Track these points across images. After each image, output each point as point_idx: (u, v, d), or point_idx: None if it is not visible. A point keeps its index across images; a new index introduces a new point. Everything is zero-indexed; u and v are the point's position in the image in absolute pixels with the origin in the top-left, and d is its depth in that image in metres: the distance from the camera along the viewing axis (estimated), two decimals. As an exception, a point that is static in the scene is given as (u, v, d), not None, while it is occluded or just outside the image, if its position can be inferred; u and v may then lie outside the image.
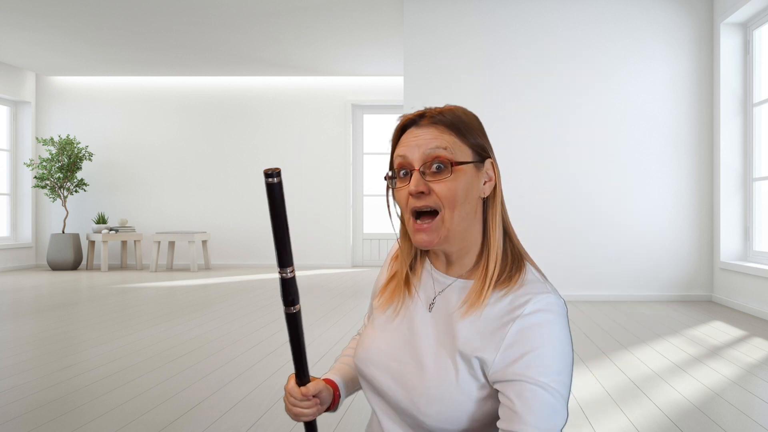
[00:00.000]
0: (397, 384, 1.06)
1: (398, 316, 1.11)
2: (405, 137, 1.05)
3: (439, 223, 1.01)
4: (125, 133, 8.97)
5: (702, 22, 5.44)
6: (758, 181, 5.07)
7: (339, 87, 8.85)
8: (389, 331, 1.11)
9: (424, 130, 1.03)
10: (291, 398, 1.14)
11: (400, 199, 1.04)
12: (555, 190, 5.48)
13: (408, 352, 1.06)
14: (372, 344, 1.11)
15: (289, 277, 1.01)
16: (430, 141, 1.01)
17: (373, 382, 1.09)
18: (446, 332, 1.04)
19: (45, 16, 6.26)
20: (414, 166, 1.01)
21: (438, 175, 1.00)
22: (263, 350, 3.45)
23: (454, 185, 1.00)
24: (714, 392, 2.67)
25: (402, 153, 1.03)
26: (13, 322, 4.42)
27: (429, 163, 1.01)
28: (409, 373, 1.04)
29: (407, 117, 1.06)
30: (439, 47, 5.58)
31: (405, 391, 1.04)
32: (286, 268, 1.01)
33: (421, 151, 1.01)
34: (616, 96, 5.48)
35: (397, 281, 1.14)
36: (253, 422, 2.28)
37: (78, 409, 2.43)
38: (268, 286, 6.49)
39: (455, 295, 1.06)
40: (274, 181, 0.95)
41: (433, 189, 1.00)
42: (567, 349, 0.97)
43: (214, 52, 7.60)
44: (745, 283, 4.84)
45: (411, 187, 1.00)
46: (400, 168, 1.03)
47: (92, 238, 8.28)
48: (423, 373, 1.03)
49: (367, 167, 9.08)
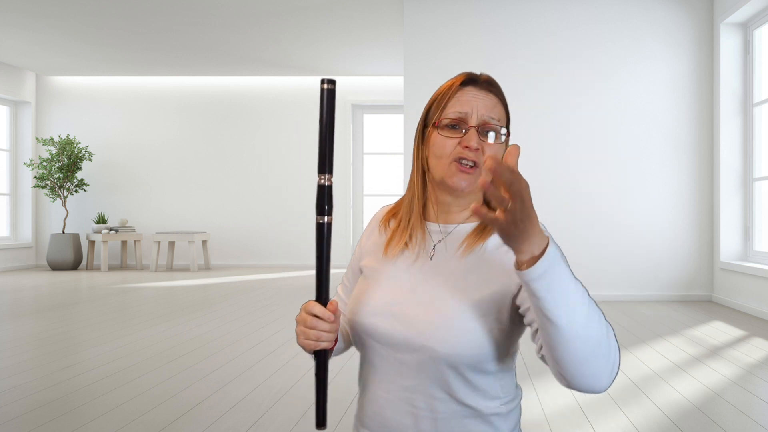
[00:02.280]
0: (402, 323, 1.07)
1: (396, 267, 1.14)
2: (464, 93, 1.12)
3: (479, 174, 1.09)
4: (125, 133, 8.97)
5: (702, 22, 5.44)
6: (758, 181, 5.06)
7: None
8: (389, 282, 1.13)
9: (483, 93, 1.12)
10: (315, 320, 1.05)
11: (443, 145, 1.10)
12: (555, 190, 5.48)
13: (411, 296, 1.09)
14: (370, 298, 1.13)
15: (325, 185, 1.03)
16: (490, 107, 1.11)
17: (379, 331, 1.09)
18: (450, 276, 1.09)
19: (45, 16, 6.25)
20: (471, 122, 1.09)
21: (489, 138, 1.10)
22: (263, 350, 3.45)
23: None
24: (714, 392, 2.67)
25: (462, 107, 1.11)
26: (13, 322, 4.42)
27: (484, 125, 1.10)
28: (414, 310, 1.07)
29: (467, 74, 1.14)
30: (439, 47, 5.58)
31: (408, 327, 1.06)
32: (324, 175, 1.03)
33: (481, 113, 1.10)
34: (616, 96, 5.48)
35: (400, 233, 1.17)
36: (253, 422, 2.28)
37: (78, 409, 2.43)
38: (268, 286, 6.48)
39: (454, 239, 1.13)
40: (330, 87, 1.00)
41: (484, 150, 1.09)
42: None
43: (214, 52, 7.60)
44: (745, 283, 4.84)
45: (472, 142, 1.08)
46: (454, 120, 1.10)
47: (92, 238, 8.28)
48: (430, 309, 1.06)
49: (367, 167, 9.07)
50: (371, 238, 1.24)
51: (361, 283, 1.19)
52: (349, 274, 1.29)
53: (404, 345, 1.07)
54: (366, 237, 1.26)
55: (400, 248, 1.15)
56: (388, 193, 8.86)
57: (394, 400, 1.10)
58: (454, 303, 1.05)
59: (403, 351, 1.08)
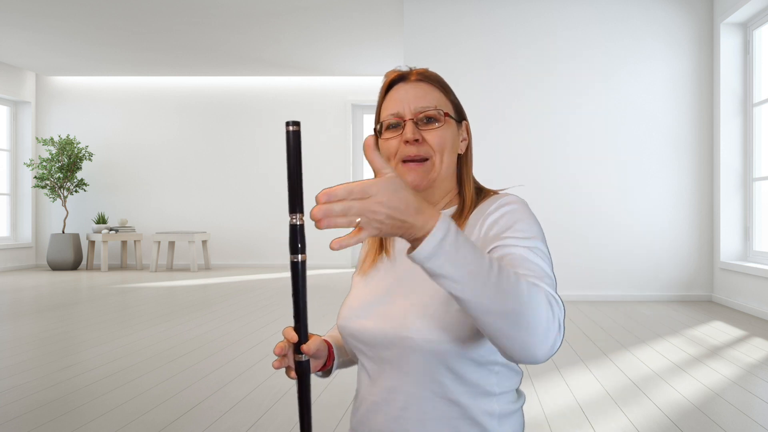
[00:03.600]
0: (379, 319, 1.05)
1: (377, 272, 1.14)
2: (395, 92, 1.11)
3: (429, 166, 1.08)
4: (125, 133, 8.97)
5: (702, 22, 5.44)
6: (758, 181, 5.06)
7: (339, 87, 8.85)
8: (369, 286, 1.13)
9: (412, 85, 1.10)
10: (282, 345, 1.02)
11: (389, 149, 1.10)
12: (555, 190, 5.48)
13: (391, 292, 1.08)
14: (353, 302, 1.13)
15: (297, 224, 0.98)
16: (421, 96, 1.09)
17: (361, 332, 1.07)
18: None
19: (45, 16, 6.25)
20: (406, 116, 1.08)
21: (429, 125, 1.08)
22: (263, 350, 3.45)
23: (446, 134, 1.09)
24: (714, 392, 2.67)
25: (393, 107, 1.10)
26: (13, 322, 4.42)
27: (421, 114, 1.08)
28: (391, 306, 1.05)
29: (396, 73, 1.13)
30: (439, 47, 5.58)
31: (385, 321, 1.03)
32: (295, 214, 0.98)
33: (413, 104, 1.08)
34: (616, 96, 5.48)
35: (371, 244, 1.18)
36: (253, 422, 2.28)
37: (78, 409, 2.43)
38: (268, 286, 6.49)
39: None
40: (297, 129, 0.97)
41: (425, 138, 1.07)
42: (537, 223, 1.02)
43: (214, 52, 7.60)
44: (745, 283, 4.84)
45: (408, 135, 1.06)
46: (391, 120, 1.09)
47: (92, 238, 8.28)
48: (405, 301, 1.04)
49: (367, 167, 9.07)
50: (364, 248, 1.24)
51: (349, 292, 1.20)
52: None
53: (383, 340, 1.04)
54: (361, 247, 1.27)
55: (374, 260, 1.15)
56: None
57: (380, 403, 1.05)
58: (428, 291, 1.01)
59: (383, 348, 1.04)
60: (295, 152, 0.97)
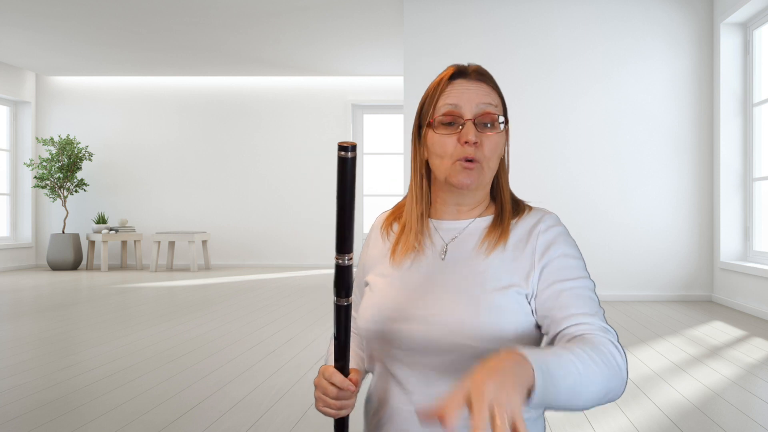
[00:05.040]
0: (425, 324, 1.02)
1: (408, 272, 1.09)
2: (455, 87, 1.08)
3: (480, 170, 1.06)
4: (125, 133, 8.97)
5: (702, 22, 5.44)
6: (758, 181, 5.06)
7: (339, 87, 8.85)
8: (402, 285, 1.08)
9: (474, 83, 1.08)
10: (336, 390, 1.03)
11: (443, 144, 1.06)
12: (555, 189, 5.48)
13: (432, 292, 1.05)
14: (385, 302, 1.07)
15: (344, 265, 0.96)
16: (483, 96, 1.07)
17: (402, 338, 1.04)
18: (468, 273, 1.05)
19: (45, 16, 6.25)
20: (466, 116, 1.05)
21: (487, 129, 1.06)
22: (263, 350, 3.45)
23: (500, 141, 1.08)
24: (714, 392, 2.67)
25: (454, 102, 1.06)
26: (13, 322, 4.42)
27: (481, 116, 1.06)
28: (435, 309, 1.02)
29: (455, 67, 1.10)
30: (439, 47, 5.58)
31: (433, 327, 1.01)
32: (344, 255, 0.95)
33: (474, 103, 1.06)
34: (616, 96, 5.48)
35: (406, 236, 1.12)
36: (253, 422, 2.28)
37: (78, 409, 2.43)
38: (268, 286, 6.49)
39: (472, 238, 1.10)
40: (347, 155, 0.90)
41: (482, 142, 1.06)
42: (578, 250, 1.12)
43: (214, 52, 7.60)
44: (745, 283, 4.84)
45: (470, 136, 1.04)
46: (449, 116, 1.06)
47: (92, 238, 8.28)
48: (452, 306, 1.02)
49: (367, 167, 9.07)
50: (376, 247, 1.18)
51: (370, 293, 1.12)
52: (356, 291, 1.23)
53: (433, 347, 1.01)
54: (369, 247, 1.20)
55: (407, 252, 1.10)
56: (388, 193, 8.86)
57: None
58: (478, 295, 1.01)
59: (431, 355, 1.02)
60: (350, 183, 0.89)
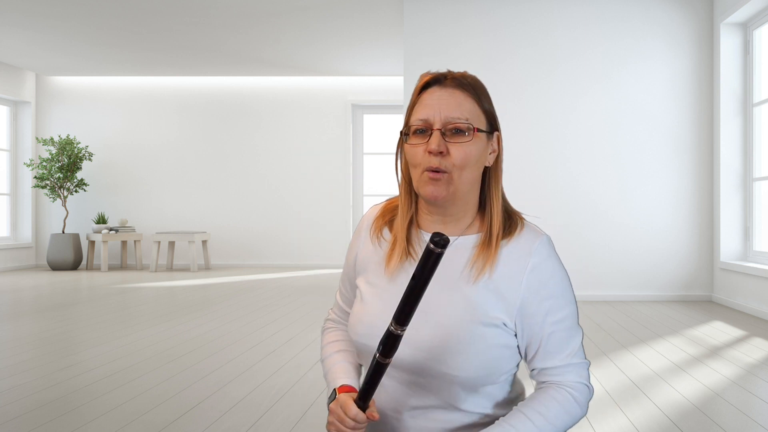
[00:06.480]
0: (414, 348, 1.06)
1: (396, 286, 1.10)
2: (427, 96, 1.07)
3: (448, 180, 1.04)
4: (125, 133, 8.97)
5: (702, 22, 5.44)
6: (758, 181, 5.06)
7: (339, 87, 8.85)
8: (390, 302, 1.09)
9: (447, 91, 1.06)
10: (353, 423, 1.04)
11: (414, 155, 1.06)
12: (555, 190, 5.48)
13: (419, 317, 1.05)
14: (374, 319, 1.09)
15: (397, 334, 1.00)
16: (453, 105, 1.04)
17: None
18: (455, 298, 1.07)
19: (45, 16, 6.25)
20: (435, 125, 1.04)
21: (456, 137, 1.04)
22: (263, 350, 3.45)
23: (471, 150, 1.05)
24: (714, 392, 2.67)
25: (423, 112, 1.05)
26: (13, 322, 4.42)
27: (450, 126, 1.04)
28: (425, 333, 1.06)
29: (431, 75, 1.09)
30: (439, 47, 5.58)
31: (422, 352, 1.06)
32: (401, 327, 0.99)
33: (444, 113, 1.04)
34: (616, 96, 5.48)
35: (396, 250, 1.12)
36: (253, 422, 2.28)
37: (78, 409, 2.43)
38: (268, 286, 6.49)
39: (456, 254, 1.09)
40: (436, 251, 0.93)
41: (450, 151, 1.03)
42: (567, 278, 1.11)
43: (214, 52, 7.60)
44: (745, 283, 4.84)
45: (432, 146, 1.03)
46: (419, 125, 1.06)
47: (92, 238, 8.28)
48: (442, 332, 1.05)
49: (367, 167, 9.07)
50: (366, 248, 1.19)
51: (360, 302, 1.14)
52: (347, 284, 1.25)
53: (419, 370, 1.06)
54: (360, 241, 1.21)
55: (399, 263, 1.11)
56: (388, 193, 8.86)
57: (406, 420, 1.10)
58: (464, 325, 1.04)
59: (416, 374, 1.07)
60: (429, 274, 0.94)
